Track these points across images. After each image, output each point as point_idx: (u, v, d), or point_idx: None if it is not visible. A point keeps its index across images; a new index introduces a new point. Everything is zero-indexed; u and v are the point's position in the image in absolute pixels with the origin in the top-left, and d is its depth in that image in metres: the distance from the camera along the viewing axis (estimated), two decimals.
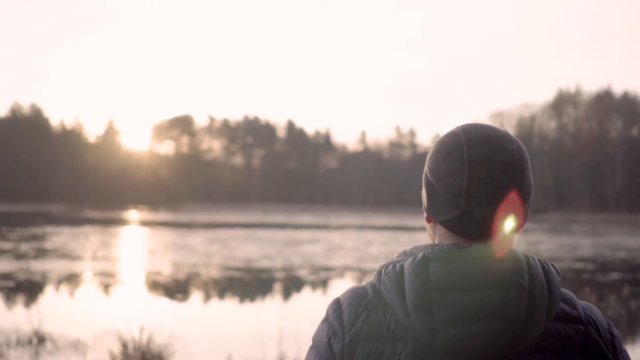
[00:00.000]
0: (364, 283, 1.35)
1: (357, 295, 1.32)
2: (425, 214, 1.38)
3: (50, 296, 14.79)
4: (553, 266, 1.31)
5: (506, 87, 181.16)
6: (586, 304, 1.35)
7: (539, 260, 1.29)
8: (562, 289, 1.32)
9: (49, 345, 9.12)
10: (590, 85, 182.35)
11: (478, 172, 1.28)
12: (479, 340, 1.22)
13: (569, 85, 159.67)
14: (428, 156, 1.37)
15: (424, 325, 1.23)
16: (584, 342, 1.29)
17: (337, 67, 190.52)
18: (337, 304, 1.33)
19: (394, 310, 1.27)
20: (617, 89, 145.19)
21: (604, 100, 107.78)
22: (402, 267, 1.27)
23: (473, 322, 1.22)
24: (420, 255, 1.27)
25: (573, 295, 1.35)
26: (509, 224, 1.29)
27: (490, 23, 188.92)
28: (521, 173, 1.30)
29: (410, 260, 1.27)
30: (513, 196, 1.28)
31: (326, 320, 1.34)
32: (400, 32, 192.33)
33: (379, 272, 1.32)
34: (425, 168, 1.36)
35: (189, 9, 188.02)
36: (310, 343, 1.37)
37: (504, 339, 1.22)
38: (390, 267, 1.30)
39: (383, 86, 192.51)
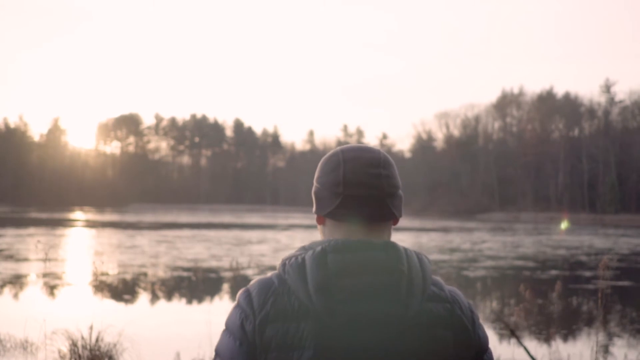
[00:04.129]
0: (268, 274, 1.62)
1: (264, 284, 1.58)
2: (316, 217, 1.69)
3: None
4: (425, 257, 1.61)
5: (451, 88, 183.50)
6: (452, 288, 1.66)
7: (414, 252, 1.59)
8: (433, 276, 1.62)
9: None
10: (533, 86, 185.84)
11: (350, 165, 1.61)
12: (369, 317, 1.50)
13: (512, 86, 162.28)
14: (315, 174, 1.72)
15: (324, 306, 1.49)
16: (450, 318, 1.58)
17: (284, 66, 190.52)
18: (247, 292, 1.59)
19: (298, 295, 1.52)
20: (559, 90, 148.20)
21: (546, 102, 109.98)
22: (303, 259, 1.54)
23: (364, 301, 1.49)
24: (319, 248, 1.54)
25: (441, 281, 1.65)
26: (382, 210, 1.63)
27: (437, 26, 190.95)
28: (387, 167, 1.64)
29: (310, 252, 1.54)
30: (381, 182, 1.62)
31: (238, 306, 1.58)
32: (350, 34, 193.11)
33: (283, 264, 1.57)
34: (314, 182, 1.70)
35: (135, 7, 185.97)
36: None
37: (389, 315, 1.50)
38: (293, 259, 1.56)
39: (331, 86, 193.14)
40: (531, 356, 7.33)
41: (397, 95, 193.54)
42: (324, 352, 1.49)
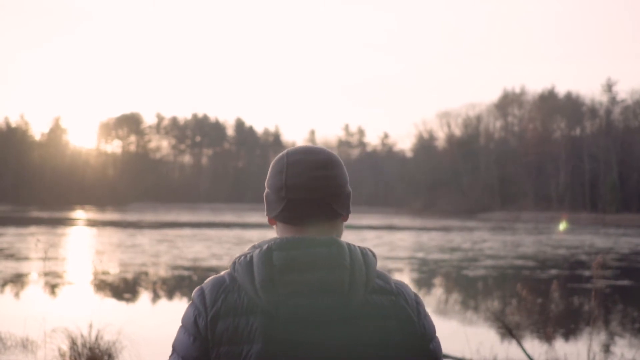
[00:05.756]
0: (222, 273, 1.70)
1: (216, 282, 1.67)
2: (267, 219, 1.78)
3: None
4: (370, 251, 1.68)
5: (452, 88, 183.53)
6: (398, 281, 1.73)
7: (359, 247, 1.67)
8: (379, 270, 1.70)
9: None
10: (534, 86, 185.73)
11: (293, 169, 1.69)
12: (313, 310, 1.58)
13: (514, 85, 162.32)
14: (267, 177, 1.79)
15: (270, 301, 1.57)
16: (394, 309, 1.65)
17: (284, 65, 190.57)
18: (201, 290, 1.67)
19: (247, 291, 1.61)
20: (561, 90, 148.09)
21: (548, 101, 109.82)
22: (251, 257, 1.63)
23: (308, 296, 1.57)
24: (265, 246, 1.63)
25: (388, 274, 1.72)
26: (325, 211, 1.70)
27: (437, 26, 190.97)
28: (329, 168, 1.71)
29: (257, 250, 1.64)
30: (325, 184, 1.69)
31: (192, 303, 1.67)
32: (350, 34, 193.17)
33: (234, 263, 1.66)
34: (265, 185, 1.78)
35: (135, 7, 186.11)
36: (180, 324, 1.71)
37: (332, 308, 1.58)
38: (243, 257, 1.66)
39: (332, 86, 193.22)
40: (528, 355, 7.36)
41: (397, 96, 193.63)
42: (272, 345, 1.57)
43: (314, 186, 1.67)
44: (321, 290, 1.58)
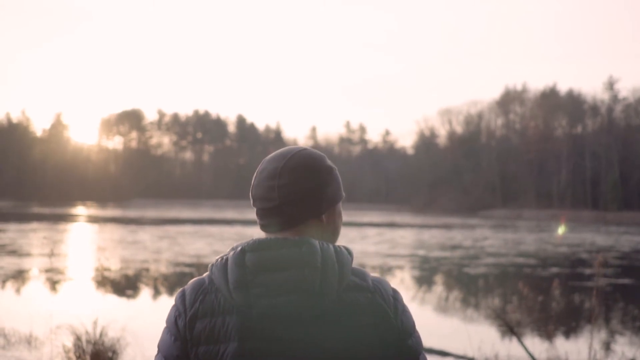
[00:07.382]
0: (204, 275, 1.76)
1: (196, 284, 1.73)
2: None
3: (0, 292, 14.82)
4: (346, 249, 1.72)
5: (452, 88, 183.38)
6: (376, 277, 1.76)
7: (333, 245, 1.70)
8: (356, 267, 1.73)
9: (0, 340, 9.25)
10: (537, 83, 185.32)
11: (256, 179, 1.78)
12: (285, 309, 1.62)
13: (515, 83, 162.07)
14: None
15: (243, 301, 1.63)
16: (370, 306, 1.68)
17: (285, 64, 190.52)
18: (182, 292, 1.74)
19: (222, 292, 1.66)
20: (562, 88, 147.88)
21: (550, 98, 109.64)
22: (227, 259, 1.69)
23: (279, 295, 1.62)
24: (239, 248, 1.69)
25: (365, 271, 1.74)
26: (285, 218, 1.76)
27: (437, 26, 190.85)
28: (284, 176, 1.74)
29: (232, 252, 1.69)
30: (274, 195, 1.75)
31: (174, 304, 1.74)
32: (350, 34, 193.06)
33: (211, 265, 1.72)
34: None
35: (136, 5, 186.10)
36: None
37: (304, 306, 1.62)
38: (219, 259, 1.71)
39: (332, 85, 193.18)
40: (529, 353, 7.40)
41: (398, 96, 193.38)
42: (247, 343, 1.63)
43: (267, 196, 1.75)
44: (292, 289, 1.62)
